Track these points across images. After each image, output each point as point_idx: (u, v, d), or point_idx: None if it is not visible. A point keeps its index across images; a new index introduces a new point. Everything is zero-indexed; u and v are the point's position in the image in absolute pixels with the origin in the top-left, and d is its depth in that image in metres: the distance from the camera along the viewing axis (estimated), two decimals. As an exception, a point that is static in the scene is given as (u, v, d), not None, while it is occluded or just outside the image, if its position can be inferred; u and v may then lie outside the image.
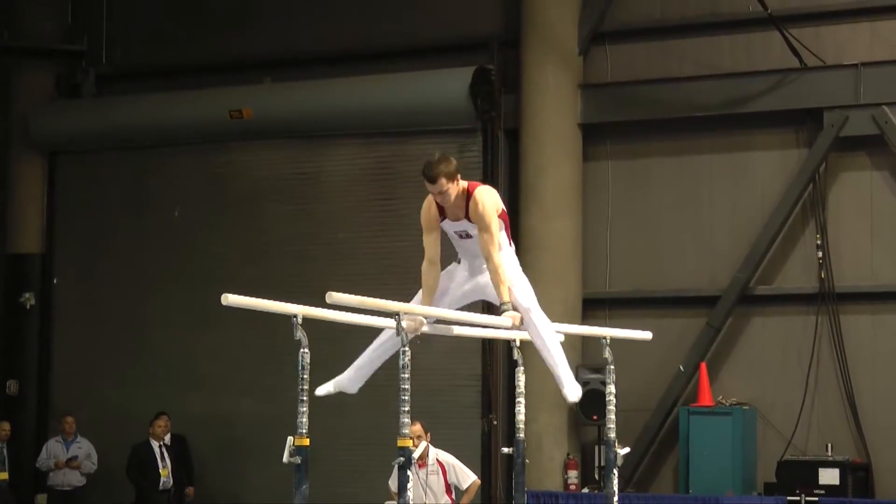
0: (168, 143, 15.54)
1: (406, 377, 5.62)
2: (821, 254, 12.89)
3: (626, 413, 11.98)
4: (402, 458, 5.56)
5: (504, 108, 14.02)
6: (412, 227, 6.77)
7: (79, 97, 16.14)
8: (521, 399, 7.32)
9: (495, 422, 13.75)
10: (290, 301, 5.50)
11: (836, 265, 12.90)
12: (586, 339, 12.53)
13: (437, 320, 6.36)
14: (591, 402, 12.64)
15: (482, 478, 12.41)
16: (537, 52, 13.69)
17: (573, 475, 13.36)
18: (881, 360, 12.85)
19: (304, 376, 5.45)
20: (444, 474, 10.40)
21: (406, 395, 5.61)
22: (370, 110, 14.41)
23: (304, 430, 5.38)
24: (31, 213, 16.15)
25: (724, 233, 13.44)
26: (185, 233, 15.51)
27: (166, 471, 13.86)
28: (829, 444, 12.57)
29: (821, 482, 12.13)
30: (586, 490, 13.19)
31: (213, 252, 15.25)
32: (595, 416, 12.90)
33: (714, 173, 13.55)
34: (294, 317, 5.38)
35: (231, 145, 15.32)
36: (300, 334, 5.38)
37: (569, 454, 13.45)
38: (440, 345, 11.47)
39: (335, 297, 5.32)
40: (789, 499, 12.07)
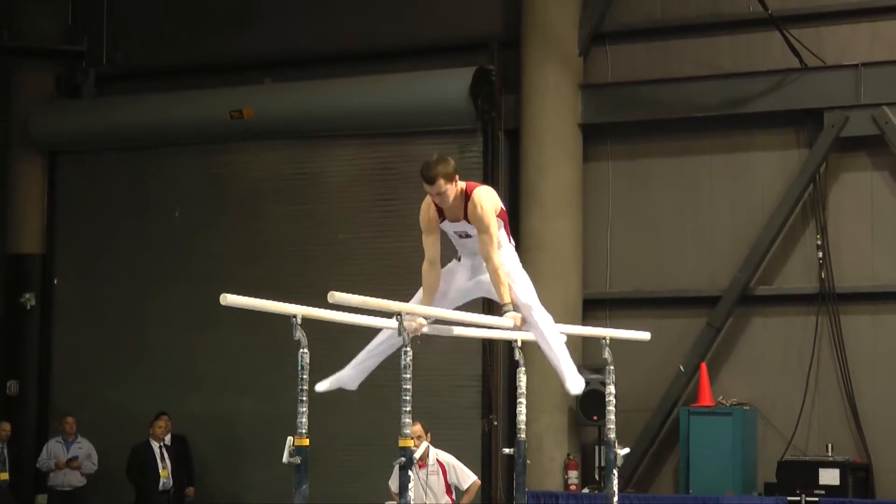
0: (168, 144, 15.54)
1: (408, 377, 5.62)
2: (821, 254, 12.88)
3: (627, 413, 11.98)
4: (403, 459, 5.55)
5: (504, 108, 14.01)
6: (412, 228, 6.76)
7: (79, 97, 16.14)
8: (522, 399, 7.33)
9: (496, 422, 13.75)
10: (290, 301, 5.49)
11: (836, 265, 12.89)
12: (586, 340, 12.51)
13: (437, 320, 6.35)
14: (591, 402, 12.66)
15: (482, 478, 12.42)
16: (538, 52, 13.68)
17: (573, 475, 13.35)
18: (881, 360, 12.85)
19: (304, 376, 5.44)
20: (445, 474, 10.40)
21: (408, 396, 5.60)
22: (370, 111, 14.40)
23: (303, 431, 5.38)
24: (31, 213, 16.14)
25: (724, 233, 13.44)
26: (185, 233, 15.51)
27: (166, 471, 13.85)
28: (830, 445, 12.56)
29: (821, 482, 12.12)
30: (586, 490, 13.18)
31: (214, 252, 15.24)
32: (595, 417, 12.90)
33: (714, 174, 13.54)
34: (294, 317, 5.38)
35: (231, 146, 15.32)
36: (300, 334, 5.38)
37: (569, 454, 13.45)
38: (440, 345, 11.45)
39: (337, 296, 5.32)
40: (789, 499, 12.06)
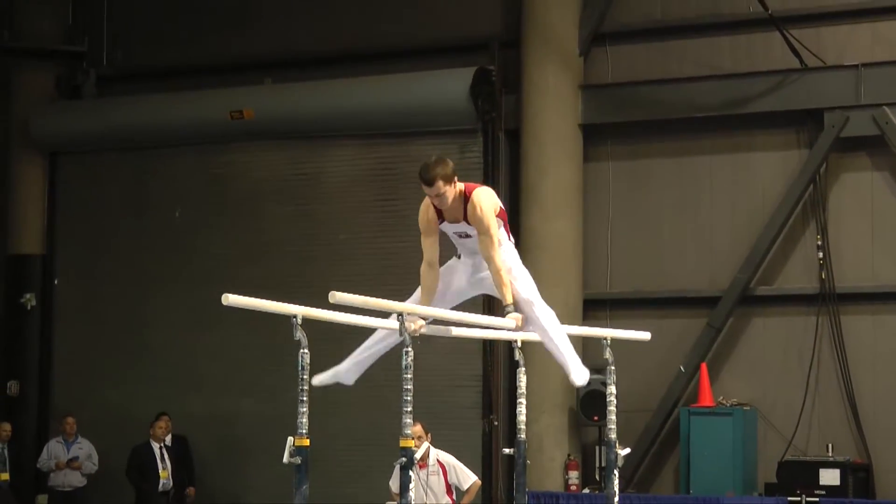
0: (169, 144, 15.53)
1: (409, 377, 5.62)
2: (821, 254, 12.88)
3: (627, 414, 11.98)
4: (404, 459, 5.55)
5: (504, 108, 14.00)
6: (412, 228, 6.76)
7: (79, 98, 16.14)
8: (522, 400, 7.33)
9: (496, 422, 13.75)
10: (291, 301, 5.49)
11: (836, 266, 12.89)
12: (587, 340, 12.49)
13: (436, 320, 6.35)
14: (591, 402, 12.68)
15: (483, 478, 12.42)
16: (538, 52, 13.68)
17: (574, 476, 13.35)
18: (882, 360, 12.85)
19: (304, 377, 5.44)
20: (445, 475, 10.39)
21: (409, 396, 5.60)
22: (371, 111, 14.40)
23: (304, 431, 5.38)
24: (31, 213, 16.14)
25: (724, 233, 13.44)
26: (185, 233, 15.51)
27: (166, 472, 13.84)
28: (830, 445, 12.56)
29: (821, 483, 12.12)
30: (587, 491, 13.18)
31: (214, 253, 15.24)
32: (596, 417, 12.90)
33: (715, 174, 13.54)
34: (294, 317, 5.38)
35: (231, 146, 15.31)
36: (300, 335, 5.38)
37: (569, 455, 13.45)
38: (441, 345, 11.44)
39: (338, 296, 5.32)
40: (790, 499, 12.06)
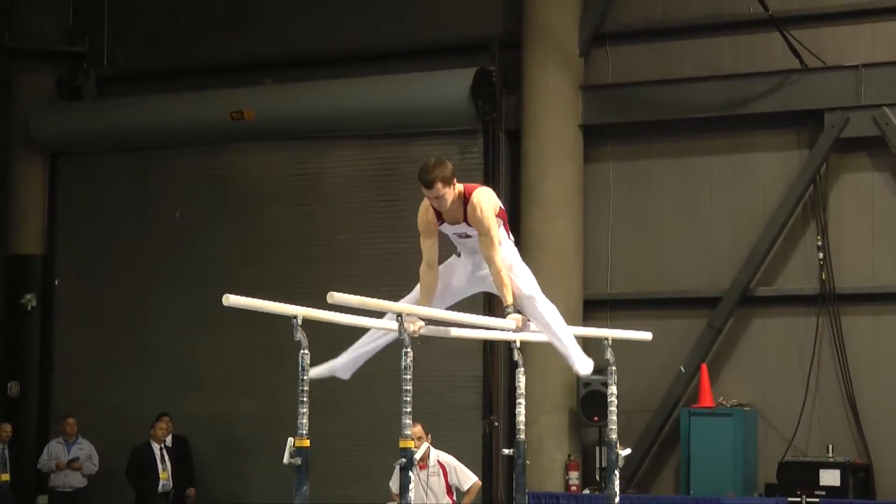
0: (169, 145, 15.54)
1: (408, 378, 5.62)
2: (821, 255, 12.88)
3: (628, 414, 11.97)
4: (404, 460, 5.55)
5: (505, 109, 14.00)
6: (412, 229, 6.75)
7: (80, 99, 16.14)
8: (522, 400, 7.32)
9: (496, 423, 13.75)
10: (291, 302, 5.49)
11: (836, 266, 12.89)
12: (587, 341, 12.46)
13: (435, 321, 6.34)
14: (592, 403, 12.68)
15: (483, 479, 12.41)
16: (538, 53, 13.68)
17: (574, 476, 13.34)
18: (882, 361, 12.85)
19: (305, 377, 5.43)
20: (445, 475, 10.40)
21: (408, 397, 5.59)
22: (371, 111, 14.40)
23: (304, 432, 5.37)
24: (32, 214, 16.14)
25: (724, 234, 13.43)
26: (185, 234, 15.51)
27: (166, 473, 13.84)
28: (830, 445, 12.55)
29: (822, 483, 12.12)
30: (587, 491, 13.17)
31: (214, 253, 15.25)
32: (596, 418, 12.89)
33: (715, 175, 13.54)
34: (294, 318, 5.38)
35: (232, 146, 15.32)
36: (300, 335, 5.38)
37: (570, 455, 13.44)
38: (440, 346, 11.44)
39: (337, 297, 5.32)
40: (790, 500, 12.06)
